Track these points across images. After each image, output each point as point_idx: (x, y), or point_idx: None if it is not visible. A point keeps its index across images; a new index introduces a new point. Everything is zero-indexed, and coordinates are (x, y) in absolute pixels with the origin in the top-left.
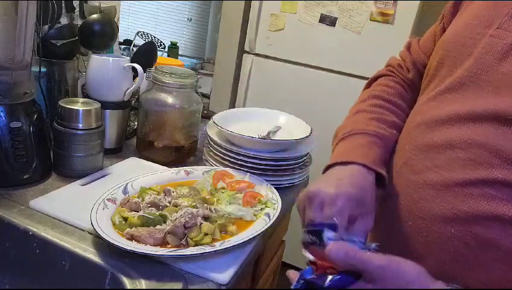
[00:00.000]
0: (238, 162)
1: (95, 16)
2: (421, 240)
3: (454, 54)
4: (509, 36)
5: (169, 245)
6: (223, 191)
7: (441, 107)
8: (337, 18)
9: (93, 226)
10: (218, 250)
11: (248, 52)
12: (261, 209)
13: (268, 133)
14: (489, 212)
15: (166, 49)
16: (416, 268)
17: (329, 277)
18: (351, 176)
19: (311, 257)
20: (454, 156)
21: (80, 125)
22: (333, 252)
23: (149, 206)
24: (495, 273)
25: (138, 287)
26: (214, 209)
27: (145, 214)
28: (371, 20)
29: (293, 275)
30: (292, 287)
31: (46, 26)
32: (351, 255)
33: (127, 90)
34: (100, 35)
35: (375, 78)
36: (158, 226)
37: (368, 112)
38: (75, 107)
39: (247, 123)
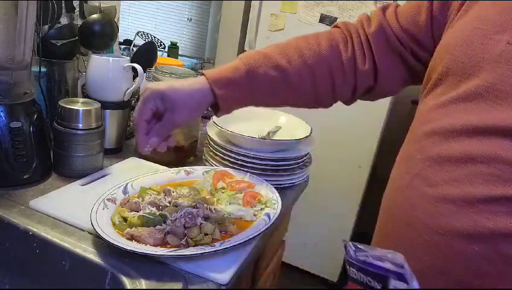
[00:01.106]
0: (238, 162)
1: (95, 16)
2: (440, 256)
3: (463, 59)
4: None
5: (169, 245)
6: (223, 191)
7: (454, 117)
8: (337, 18)
9: (93, 226)
10: (218, 250)
11: None
12: (261, 209)
13: (268, 133)
14: None
15: (166, 49)
16: None
17: None
18: (185, 80)
19: None
20: (476, 171)
21: (80, 125)
22: None
23: (149, 206)
24: None
25: (138, 287)
26: (214, 209)
27: (145, 214)
28: None
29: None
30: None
31: (46, 26)
32: None
33: (127, 90)
34: (100, 35)
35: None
36: (158, 226)
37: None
38: (75, 107)
39: (247, 123)
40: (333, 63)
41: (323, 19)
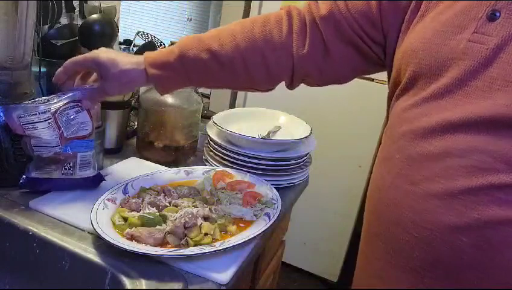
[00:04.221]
0: (238, 162)
1: (95, 16)
2: (430, 251)
3: (429, 62)
4: (491, 40)
5: (169, 245)
6: (223, 191)
7: (429, 115)
8: None
9: (93, 226)
10: (218, 250)
11: None
12: (261, 209)
13: (268, 133)
14: (501, 216)
15: None
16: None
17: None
18: (127, 57)
19: None
20: (455, 164)
21: None
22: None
23: (149, 206)
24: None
25: (138, 287)
26: (214, 209)
27: (145, 214)
28: None
29: None
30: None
31: (46, 26)
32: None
33: None
34: (100, 35)
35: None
36: (158, 226)
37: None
38: None
39: (247, 123)
40: (265, 46)
41: None
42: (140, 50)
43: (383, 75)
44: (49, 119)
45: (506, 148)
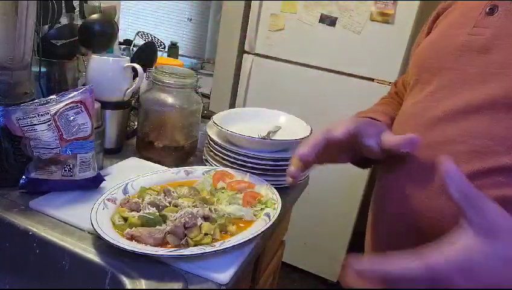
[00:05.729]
0: (238, 162)
1: (95, 16)
2: (435, 239)
3: (431, 57)
4: (488, 31)
5: (169, 245)
6: (223, 191)
7: (434, 107)
8: (337, 18)
9: (93, 226)
10: (218, 250)
11: (248, 52)
12: (261, 209)
13: (268, 133)
14: (501, 200)
15: (166, 49)
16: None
17: None
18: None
19: None
20: (456, 151)
21: None
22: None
23: (149, 206)
24: None
25: (138, 287)
26: (214, 209)
27: (145, 214)
28: (371, 20)
29: None
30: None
31: (46, 26)
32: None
33: (127, 90)
34: (100, 35)
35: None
36: (158, 226)
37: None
38: None
39: (247, 123)
40: None
41: (323, 19)
42: (140, 50)
43: (383, 75)
44: (49, 121)
45: (504, 130)
